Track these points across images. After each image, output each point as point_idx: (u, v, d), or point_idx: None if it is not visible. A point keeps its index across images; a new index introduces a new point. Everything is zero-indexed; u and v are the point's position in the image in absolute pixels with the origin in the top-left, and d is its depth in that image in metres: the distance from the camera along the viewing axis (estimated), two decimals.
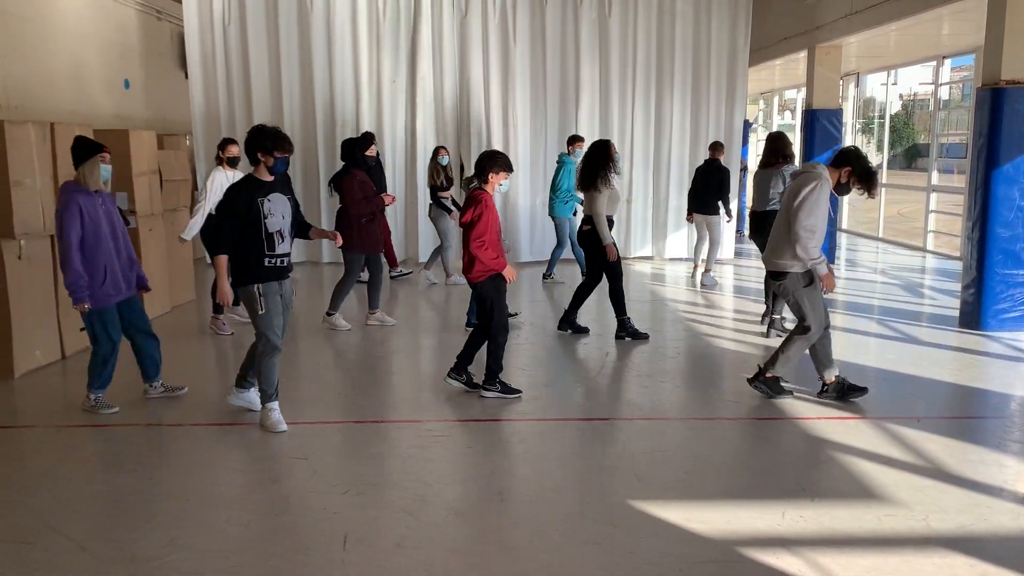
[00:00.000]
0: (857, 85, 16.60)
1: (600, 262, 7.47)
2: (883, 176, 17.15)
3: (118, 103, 11.84)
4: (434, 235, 10.76)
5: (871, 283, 11.00)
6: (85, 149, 5.39)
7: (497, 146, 12.13)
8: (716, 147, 10.27)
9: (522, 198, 12.39)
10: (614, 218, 7.72)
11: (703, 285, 10.27)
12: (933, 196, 13.89)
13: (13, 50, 9.17)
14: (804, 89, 13.76)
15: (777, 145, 8.05)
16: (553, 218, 10.34)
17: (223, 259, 5.16)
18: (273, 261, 5.14)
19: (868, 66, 15.95)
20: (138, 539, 3.78)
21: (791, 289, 5.63)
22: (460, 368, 5.95)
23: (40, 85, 9.73)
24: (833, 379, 5.78)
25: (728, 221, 10.82)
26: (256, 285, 5.10)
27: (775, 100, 22.69)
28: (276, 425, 5.19)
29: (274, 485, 4.40)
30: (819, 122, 12.16)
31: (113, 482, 4.44)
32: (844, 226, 16.65)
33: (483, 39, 12.08)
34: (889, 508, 4.14)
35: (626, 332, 7.56)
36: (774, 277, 5.77)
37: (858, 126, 19.28)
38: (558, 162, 10.33)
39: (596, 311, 8.67)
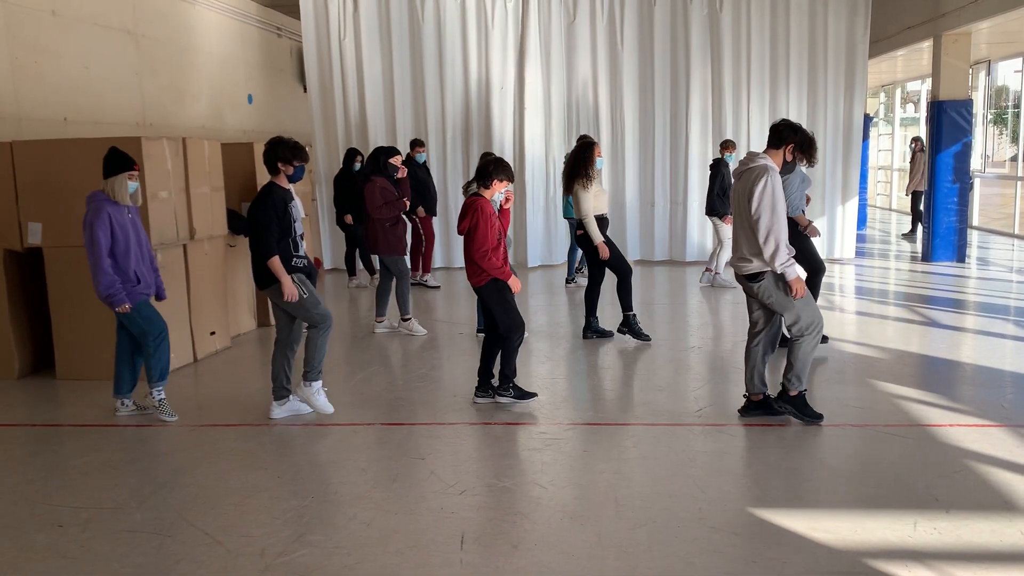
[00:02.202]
0: (988, 73, 15.70)
1: (602, 262, 7.39)
2: (1019, 169, 16.18)
3: (242, 117, 12.42)
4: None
5: (1006, 282, 10.37)
6: (117, 163, 5.53)
7: (605, 150, 12.08)
8: (724, 146, 9.94)
9: (631, 200, 12.30)
10: (607, 217, 7.55)
11: (705, 283, 10.24)
12: None
13: (147, 69, 9.76)
14: (929, 80, 13.12)
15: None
16: (568, 220, 10.15)
17: (278, 259, 5.36)
18: (299, 262, 5.50)
19: (1000, 53, 15.05)
20: (267, 535, 3.95)
21: (772, 290, 5.13)
22: (484, 385, 5.85)
23: (172, 102, 10.32)
24: (761, 396, 5.40)
25: (727, 220, 9.91)
26: (293, 276, 5.43)
27: (897, 93, 21.71)
28: (325, 407, 5.58)
29: (393, 484, 4.51)
30: (947, 114, 11.55)
31: (244, 479, 4.65)
32: (976, 222, 15.75)
33: (591, 43, 12.06)
34: None
35: (629, 329, 7.49)
36: (749, 280, 5.17)
37: (989, 117, 18.24)
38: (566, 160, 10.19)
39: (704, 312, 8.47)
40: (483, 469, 4.79)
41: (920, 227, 14.95)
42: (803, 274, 5.23)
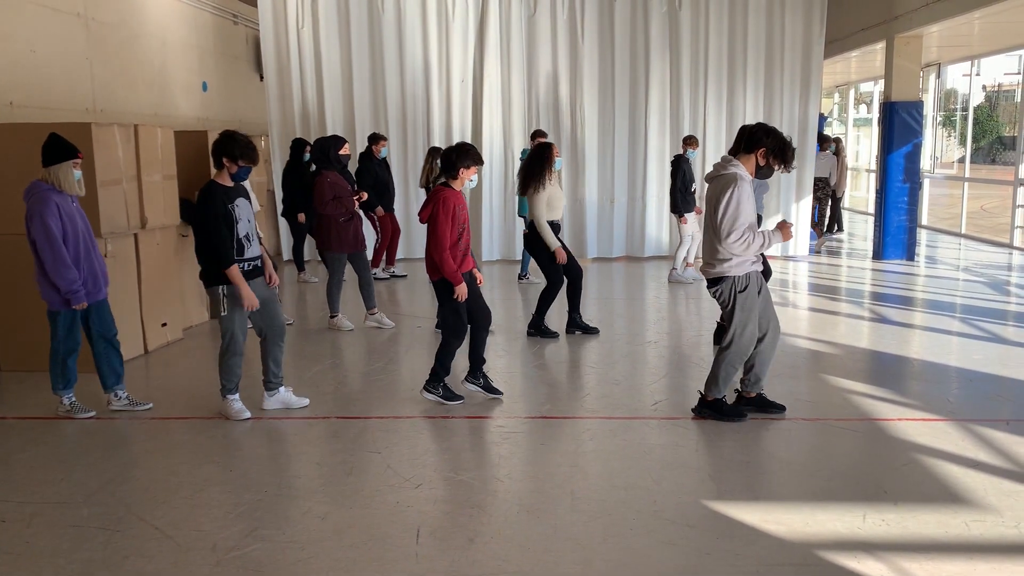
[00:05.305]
0: (938, 76, 16.05)
1: (547, 263, 7.36)
2: (966, 170, 16.59)
3: (197, 105, 12.19)
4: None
5: (953, 280, 10.62)
6: (61, 151, 5.25)
7: (565, 145, 12.10)
8: (686, 142, 10.04)
9: (590, 196, 12.33)
10: (560, 222, 7.53)
11: (669, 281, 10.30)
12: (1021, 190, 13.33)
13: (98, 55, 9.52)
14: (882, 81, 13.36)
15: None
16: (524, 218, 10.16)
17: (236, 269, 5.14)
18: (242, 266, 5.24)
19: (950, 56, 15.39)
20: (219, 529, 3.89)
21: (727, 296, 5.13)
22: (475, 371, 5.81)
23: (123, 88, 10.08)
24: (755, 394, 5.45)
25: (683, 221, 10.03)
26: (221, 287, 5.19)
27: (851, 93, 22.09)
28: (239, 414, 5.42)
29: (348, 478, 4.47)
30: (898, 115, 11.78)
31: (195, 473, 4.57)
32: (924, 222, 16.11)
33: (552, 37, 12.05)
34: (977, 513, 3.99)
35: (538, 331, 7.55)
36: (711, 284, 5.21)
37: (939, 119, 18.65)
38: (522, 160, 10.21)
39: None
40: (440, 462, 4.77)
41: (836, 225, 15.24)
42: (776, 239, 5.11)
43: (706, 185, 5.33)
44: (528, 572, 3.50)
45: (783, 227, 5.16)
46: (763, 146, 5.07)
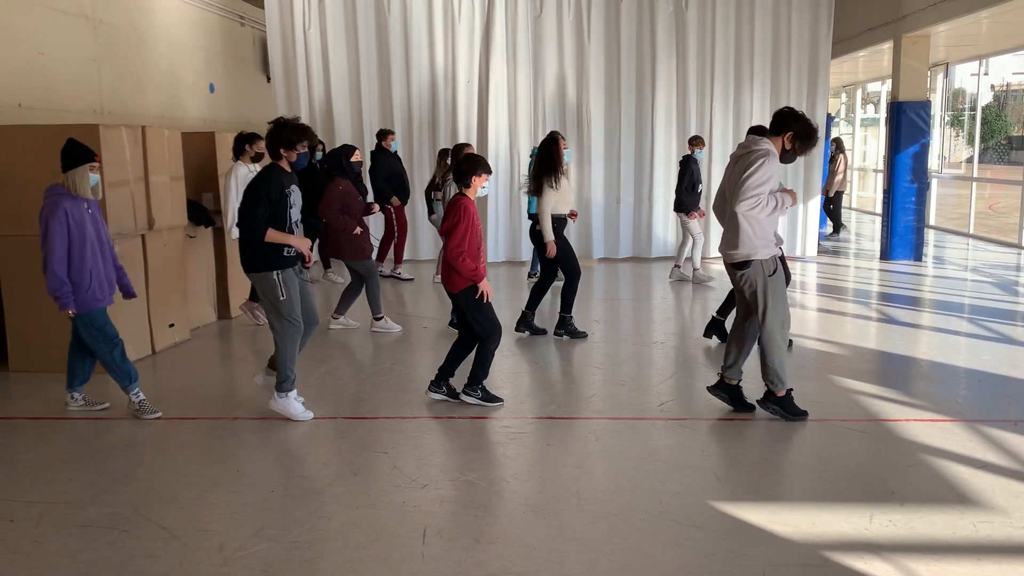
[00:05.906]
0: (946, 76, 15.98)
1: (556, 260, 7.36)
2: (974, 170, 16.53)
3: (204, 106, 12.22)
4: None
5: (961, 280, 10.58)
6: (77, 155, 5.27)
7: (571, 145, 12.08)
8: (692, 142, 9.99)
9: (597, 197, 12.32)
10: (566, 216, 7.51)
11: (674, 279, 10.26)
12: None
13: (106, 56, 9.56)
14: (889, 81, 13.32)
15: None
16: (533, 216, 10.16)
17: (272, 231, 5.15)
18: (290, 251, 5.27)
19: (957, 56, 15.33)
20: (226, 529, 3.90)
21: (753, 279, 5.08)
22: (439, 381, 5.75)
23: (131, 90, 10.11)
24: (736, 383, 5.44)
25: (693, 217, 9.92)
26: (275, 272, 5.20)
27: (858, 93, 22.02)
28: (303, 415, 5.37)
29: (355, 479, 4.48)
30: (906, 115, 11.75)
31: (202, 473, 4.58)
32: (932, 222, 16.05)
33: (558, 37, 12.06)
34: (985, 514, 3.97)
35: (565, 330, 7.50)
36: (736, 267, 5.14)
37: (947, 119, 18.59)
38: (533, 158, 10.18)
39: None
40: (446, 463, 4.77)
41: (840, 229, 15.22)
42: (786, 201, 5.10)
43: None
44: (533, 572, 3.49)
45: (789, 193, 5.16)
46: (791, 130, 5.07)
